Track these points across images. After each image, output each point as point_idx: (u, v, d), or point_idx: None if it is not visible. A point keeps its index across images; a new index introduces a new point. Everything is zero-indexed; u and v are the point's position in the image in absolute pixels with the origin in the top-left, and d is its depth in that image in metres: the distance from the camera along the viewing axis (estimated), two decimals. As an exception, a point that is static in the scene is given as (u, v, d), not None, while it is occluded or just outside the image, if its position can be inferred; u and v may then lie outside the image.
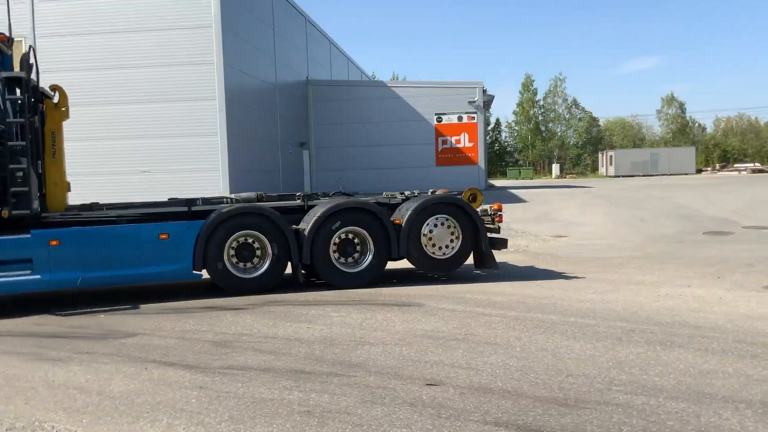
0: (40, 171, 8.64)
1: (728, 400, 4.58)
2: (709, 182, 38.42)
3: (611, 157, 74.12)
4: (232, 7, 23.08)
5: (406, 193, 10.22)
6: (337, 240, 9.41)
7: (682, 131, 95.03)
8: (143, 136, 21.83)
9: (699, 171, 71.02)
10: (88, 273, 8.53)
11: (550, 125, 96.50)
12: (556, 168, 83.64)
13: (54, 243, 8.32)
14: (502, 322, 7.18)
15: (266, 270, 9.18)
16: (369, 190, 40.41)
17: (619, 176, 64.87)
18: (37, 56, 8.72)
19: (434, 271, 9.99)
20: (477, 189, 10.17)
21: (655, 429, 4.13)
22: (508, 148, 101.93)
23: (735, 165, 74.69)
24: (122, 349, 6.55)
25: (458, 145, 37.57)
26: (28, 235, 8.26)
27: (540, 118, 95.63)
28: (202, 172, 21.77)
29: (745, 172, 61.90)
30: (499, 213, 10.07)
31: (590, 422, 4.27)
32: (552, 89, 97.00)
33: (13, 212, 8.16)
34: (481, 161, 37.41)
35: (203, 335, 7.00)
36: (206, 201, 9.66)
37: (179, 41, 21.86)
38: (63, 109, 9.14)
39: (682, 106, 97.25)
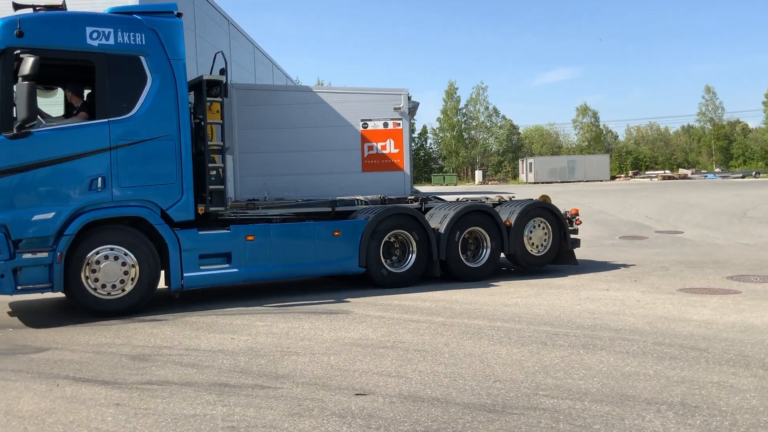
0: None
1: (650, 402, 4.69)
2: (623, 188, 40.01)
3: (531, 164, 76.27)
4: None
5: (505, 197, 11.76)
6: (462, 238, 10.35)
7: (597, 139, 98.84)
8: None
9: (613, 178, 73.97)
10: (275, 267, 9.13)
11: (473, 133, 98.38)
12: (478, 175, 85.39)
13: (250, 238, 8.88)
14: (430, 328, 7.17)
15: (412, 265, 10.02)
16: (298, 196, 40.16)
17: (538, 183, 66.78)
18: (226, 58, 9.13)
19: (532, 267, 11.09)
20: (548, 196, 11.94)
21: (582, 433, 4.18)
22: (433, 155, 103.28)
23: (646, 172, 78.22)
24: (32, 365, 6.15)
25: (384, 152, 37.55)
26: (229, 231, 8.81)
27: (463, 125, 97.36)
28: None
29: (656, 179, 64.90)
30: (576, 217, 11.52)
31: (518, 428, 4.28)
32: (474, 97, 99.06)
33: (210, 209, 8.71)
34: (407, 167, 37.50)
35: (120, 349, 6.66)
36: (343, 202, 10.54)
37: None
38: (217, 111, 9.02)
39: (595, 116, 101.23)
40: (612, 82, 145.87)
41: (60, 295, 9.75)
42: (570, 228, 11.25)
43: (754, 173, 68.03)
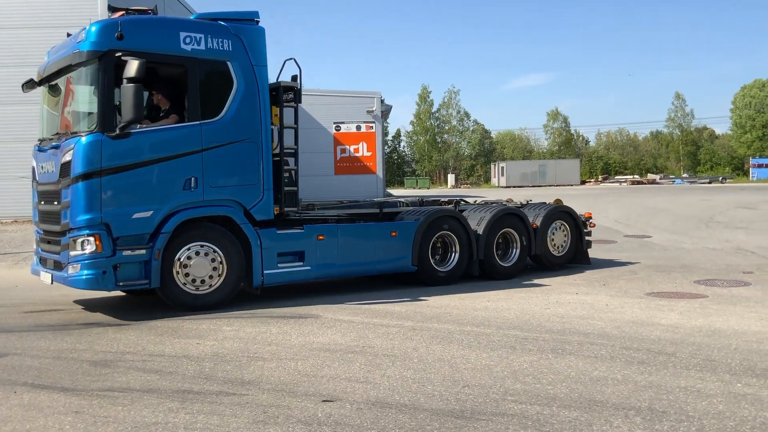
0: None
1: (618, 407, 4.69)
2: (593, 193, 40.45)
3: (502, 168, 76.77)
4: (118, 5, 22.02)
5: (530, 200, 12.52)
6: (496, 239, 10.94)
7: (568, 144, 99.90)
8: (19, 140, 20.39)
9: (583, 182, 74.79)
10: (341, 265, 9.50)
11: (446, 136, 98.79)
12: (451, 178, 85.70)
13: (321, 237, 9.24)
14: (400, 332, 7.11)
15: (455, 265, 10.50)
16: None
17: (510, 187, 67.22)
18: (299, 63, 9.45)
19: (553, 266, 11.75)
20: (561, 200, 12.79)
21: (550, 439, 4.15)
22: (406, 158, 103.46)
23: (616, 177, 79.21)
24: (-12, 371, 5.96)
25: (357, 154, 37.59)
26: (302, 230, 9.16)
27: (436, 129, 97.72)
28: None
29: (625, 184, 65.76)
30: (590, 220, 12.40)
31: (487, 434, 4.23)
32: (447, 101, 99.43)
33: (285, 209, 9.08)
34: (380, 170, 37.59)
35: (81, 354, 6.48)
36: (388, 204, 11.13)
37: (61, 40, 20.61)
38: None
39: (566, 121, 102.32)
40: (583, 88, 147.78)
41: (22, 297, 9.51)
42: (585, 230, 12.18)
43: (720, 179, 69.30)
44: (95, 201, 7.67)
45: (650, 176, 75.70)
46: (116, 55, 7.70)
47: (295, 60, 9.51)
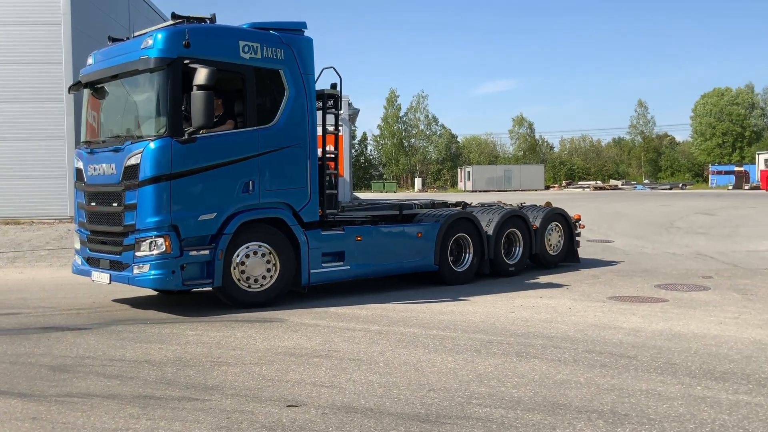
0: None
1: (581, 410, 4.73)
2: (557, 198, 40.97)
3: (469, 172, 77.36)
4: (83, 4, 21.62)
5: (523, 203, 13.36)
6: (502, 239, 11.57)
7: (532, 150, 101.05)
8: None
9: (547, 187, 75.76)
10: (375, 265, 9.95)
11: (413, 141, 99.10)
12: (418, 182, 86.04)
13: (359, 238, 9.68)
14: (366, 336, 7.09)
15: (470, 264, 11.01)
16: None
17: (476, 191, 67.75)
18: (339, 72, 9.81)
19: (549, 265, 12.52)
20: (550, 202, 13.49)
21: (514, 442, 4.17)
22: (374, 162, 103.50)
23: (579, 182, 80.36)
24: (-59, 377, 5.77)
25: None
26: (343, 231, 9.58)
27: (403, 133, 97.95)
28: (46, 179, 20.12)
29: (588, 189, 66.77)
30: (580, 221, 13.31)
31: (452, 438, 4.24)
32: (414, 105, 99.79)
33: (327, 211, 9.46)
34: (347, 174, 37.52)
35: (39, 359, 6.32)
36: (406, 206, 11.40)
37: (24, 38, 20.15)
38: None
39: (531, 127, 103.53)
40: (548, 95, 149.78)
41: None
42: (575, 231, 13.09)
43: (681, 185, 70.76)
44: (165, 204, 7.95)
45: (612, 182, 77.05)
46: (184, 62, 7.96)
47: (334, 69, 9.85)
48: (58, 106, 20.15)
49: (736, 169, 68.01)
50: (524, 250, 11.90)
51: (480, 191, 66.34)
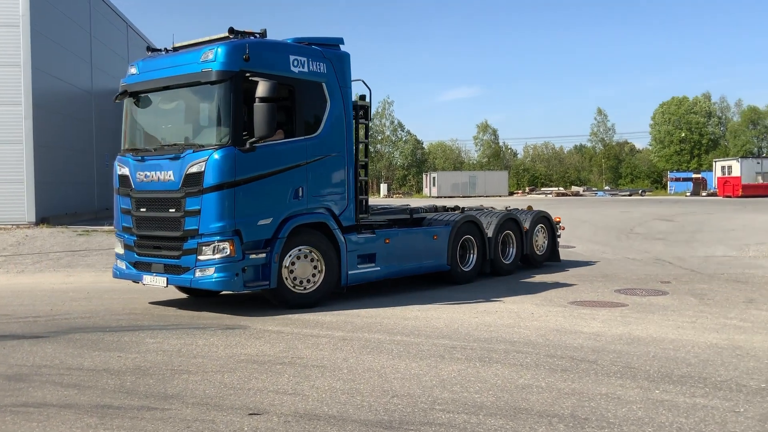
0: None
1: (542, 414, 4.78)
2: (520, 204, 41.29)
3: (434, 178, 77.71)
4: (43, 6, 21.19)
5: (509, 207, 14.07)
6: (499, 240, 12.40)
7: (496, 156, 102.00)
8: None
9: (511, 193, 76.53)
10: (399, 266, 10.51)
11: (378, 146, 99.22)
12: (383, 188, 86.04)
13: (387, 241, 10.25)
14: (330, 343, 7.06)
15: (474, 264, 11.81)
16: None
17: (441, 197, 68.04)
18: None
19: (536, 264, 13.54)
20: (531, 206, 14.49)
21: (477, 447, 4.19)
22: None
23: (542, 188, 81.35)
24: None
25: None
26: (374, 234, 10.13)
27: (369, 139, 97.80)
28: (3, 184, 19.66)
29: (550, 195, 67.62)
30: (560, 224, 14.38)
31: (415, 444, 4.24)
32: (380, 111, 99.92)
33: (360, 216, 10.00)
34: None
35: (-7, 369, 6.16)
36: (415, 210, 12.02)
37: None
38: None
39: (495, 133, 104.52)
40: (512, 102, 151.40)
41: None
42: (557, 233, 14.16)
43: (640, 191, 72.13)
44: (228, 210, 8.35)
45: (574, 188, 78.10)
46: (245, 75, 8.41)
47: (363, 81, 10.31)
48: (16, 110, 19.72)
49: (694, 176, 69.55)
50: (517, 251, 12.85)
51: (445, 197, 66.67)
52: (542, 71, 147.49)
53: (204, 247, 8.37)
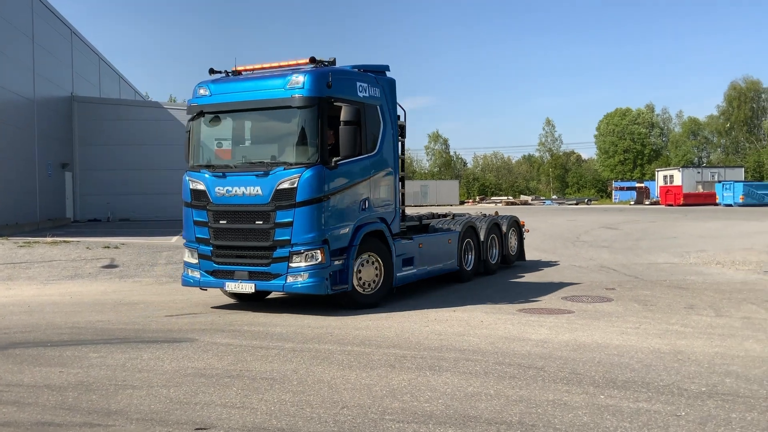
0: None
1: (491, 422, 4.83)
2: (472, 212, 41.79)
3: (386, 187, 77.74)
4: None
5: (487, 213, 15.46)
6: (488, 242, 13.90)
7: (447, 166, 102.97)
8: None
9: (462, 202, 77.28)
10: (428, 269, 11.53)
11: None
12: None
13: (420, 245, 11.29)
14: (280, 354, 6.99)
15: (473, 264, 13.20)
16: (146, 216, 38.09)
17: (392, 206, 68.12)
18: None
19: (510, 263, 15.08)
20: (498, 212, 16.35)
21: (426, 457, 4.20)
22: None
23: (492, 198, 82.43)
24: None
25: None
26: (412, 240, 11.16)
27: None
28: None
29: (500, 204, 68.52)
30: (525, 227, 15.98)
31: (365, 455, 4.22)
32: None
33: (402, 224, 11.13)
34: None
35: (-75, 387, 5.89)
36: (422, 217, 12.77)
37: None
38: None
39: (446, 143, 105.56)
40: (462, 112, 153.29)
41: None
42: (523, 235, 15.76)
43: (586, 200, 73.81)
44: (319, 221, 9.25)
45: (523, 197, 79.39)
46: (329, 100, 9.34)
47: (399, 104, 11.09)
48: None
49: (638, 185, 71.47)
50: (499, 252, 14.40)
51: (396, 206, 66.94)
52: (491, 82, 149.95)
53: (296, 256, 9.24)
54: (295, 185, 9.14)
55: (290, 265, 9.25)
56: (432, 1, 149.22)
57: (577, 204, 67.93)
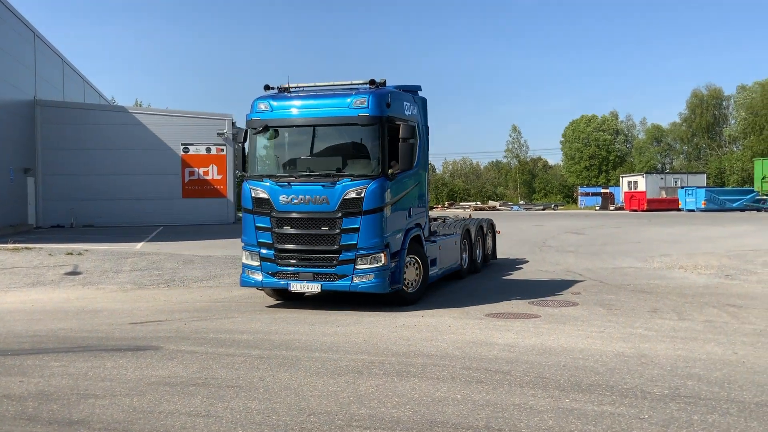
0: None
1: (458, 427, 4.84)
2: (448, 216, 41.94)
3: (355, 193, 77.66)
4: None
5: (466, 217, 17.19)
6: (476, 242, 15.31)
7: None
8: None
9: (431, 208, 77.46)
10: (445, 268, 12.71)
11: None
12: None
13: (440, 248, 12.41)
14: (246, 362, 6.93)
15: (468, 263, 14.47)
16: (110, 222, 37.45)
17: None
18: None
19: (487, 261, 16.57)
20: (471, 215, 17.55)
21: (393, 463, 4.19)
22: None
23: (461, 203, 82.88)
24: None
25: (207, 177, 36.50)
26: (435, 243, 12.21)
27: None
28: None
29: (469, 210, 68.94)
30: (497, 228, 17.76)
31: (331, 463, 4.20)
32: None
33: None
34: (231, 194, 36.75)
35: None
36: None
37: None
38: None
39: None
40: (431, 119, 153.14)
41: None
42: (495, 236, 17.41)
43: (553, 206, 74.56)
44: (381, 227, 10.18)
45: (491, 203, 79.97)
46: (390, 119, 10.30)
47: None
48: None
49: (603, 190, 72.44)
50: (482, 252, 15.80)
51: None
52: (460, 87, 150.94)
53: (362, 258, 10.12)
54: (362, 195, 10.04)
55: (356, 267, 10.13)
56: (401, 7, 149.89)
57: (544, 209, 68.64)
